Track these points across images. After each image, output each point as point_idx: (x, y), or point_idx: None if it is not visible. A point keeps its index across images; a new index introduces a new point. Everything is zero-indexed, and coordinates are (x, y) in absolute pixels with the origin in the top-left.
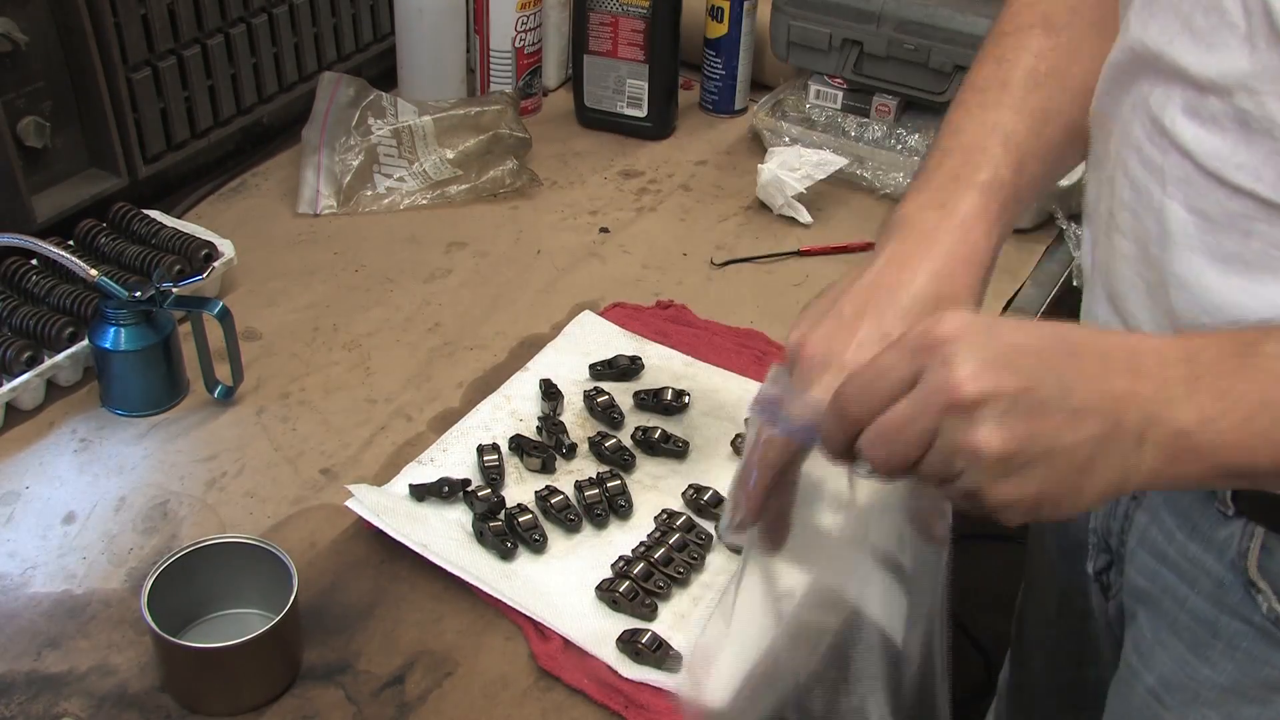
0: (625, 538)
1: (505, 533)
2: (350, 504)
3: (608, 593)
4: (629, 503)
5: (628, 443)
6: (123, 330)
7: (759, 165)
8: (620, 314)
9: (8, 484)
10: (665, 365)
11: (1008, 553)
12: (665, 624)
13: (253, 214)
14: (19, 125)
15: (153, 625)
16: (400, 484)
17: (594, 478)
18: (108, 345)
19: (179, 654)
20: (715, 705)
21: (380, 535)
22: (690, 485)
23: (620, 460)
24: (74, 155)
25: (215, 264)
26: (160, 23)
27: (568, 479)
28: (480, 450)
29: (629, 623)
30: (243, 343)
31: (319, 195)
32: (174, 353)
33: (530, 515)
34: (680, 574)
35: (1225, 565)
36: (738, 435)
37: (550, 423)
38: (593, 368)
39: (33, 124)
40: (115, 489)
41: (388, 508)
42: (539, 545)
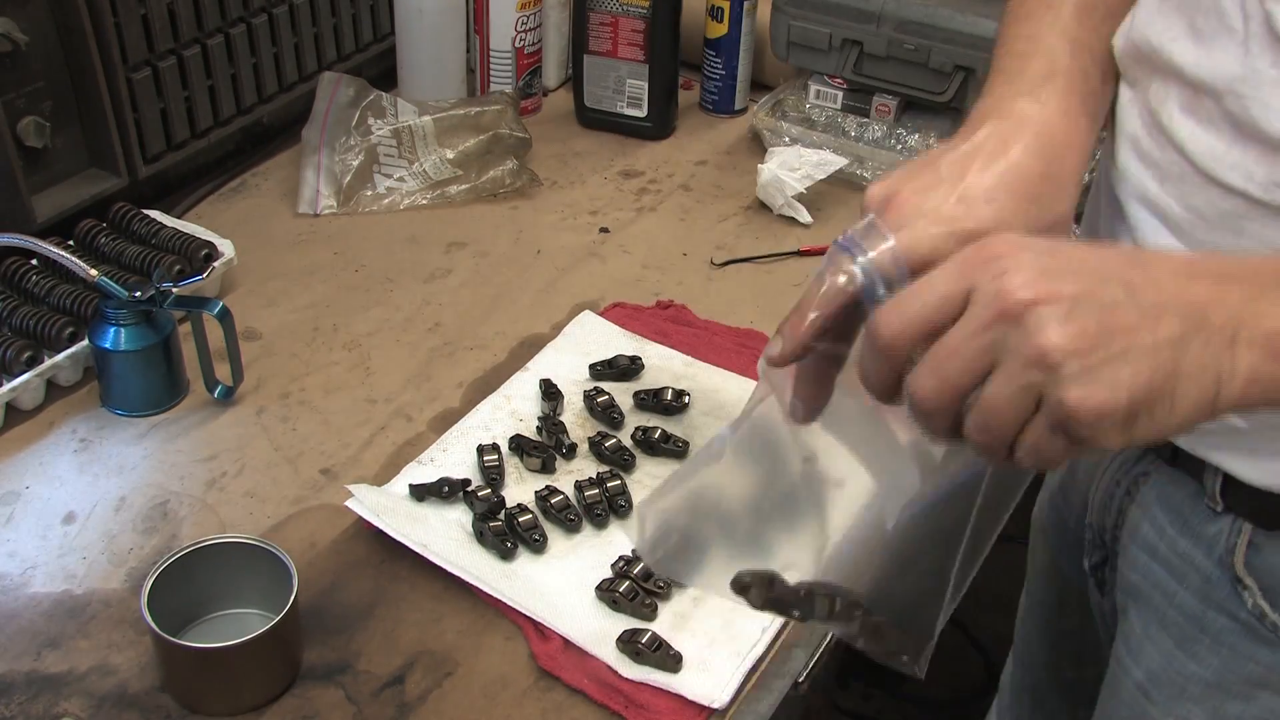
0: (625, 538)
1: (505, 533)
2: (350, 504)
3: (608, 593)
4: (629, 503)
5: (628, 443)
6: (123, 330)
7: (759, 165)
8: (620, 314)
9: (8, 484)
10: (665, 365)
11: (1008, 553)
12: (665, 624)
13: (253, 214)
14: (19, 125)
15: (153, 625)
16: (400, 484)
17: (594, 478)
18: (108, 345)
19: (179, 654)
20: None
21: (380, 535)
22: None
23: (620, 460)
24: (74, 155)
25: (215, 264)
26: (160, 23)
27: (568, 479)
28: (480, 450)
29: (629, 623)
30: (243, 343)
31: (319, 195)
32: (174, 353)
33: (530, 515)
34: None
35: (1213, 561)
36: None
37: (550, 423)
38: (593, 368)
39: (33, 124)
40: (115, 489)
41: (388, 508)
42: (539, 545)
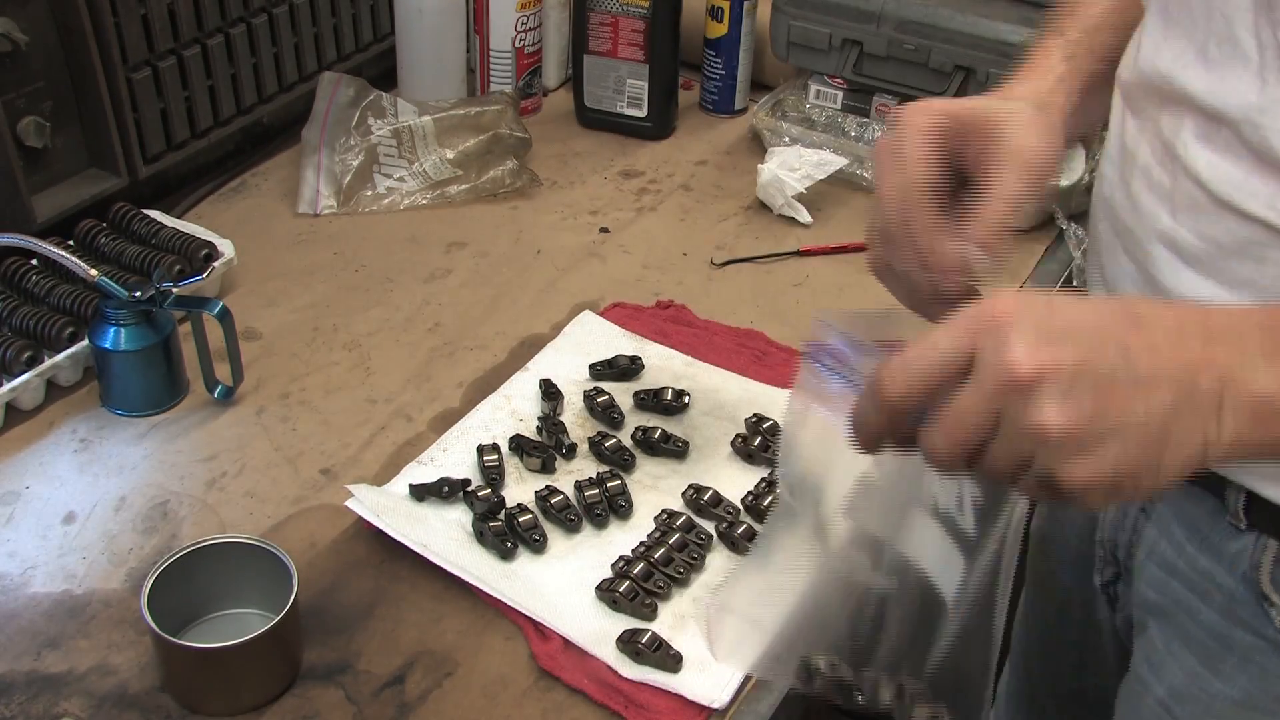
0: (625, 538)
1: (505, 533)
2: (350, 504)
3: (608, 593)
4: (629, 503)
5: (628, 443)
6: (123, 330)
7: (759, 165)
8: (620, 314)
9: (8, 484)
10: (665, 365)
11: None
12: (665, 624)
13: (253, 214)
14: (19, 125)
15: (153, 625)
16: (400, 484)
17: (594, 478)
18: (108, 345)
19: (179, 654)
20: (748, 655)
21: (380, 535)
22: (690, 485)
23: (620, 460)
24: (74, 155)
25: (215, 264)
26: (160, 23)
27: (568, 479)
28: (480, 450)
29: (629, 623)
30: (243, 343)
31: (319, 195)
32: (174, 353)
33: (530, 515)
34: (680, 574)
35: (1237, 579)
36: (738, 435)
37: (550, 423)
38: (593, 368)
39: (33, 124)
40: (115, 489)
41: (388, 508)
42: (539, 545)
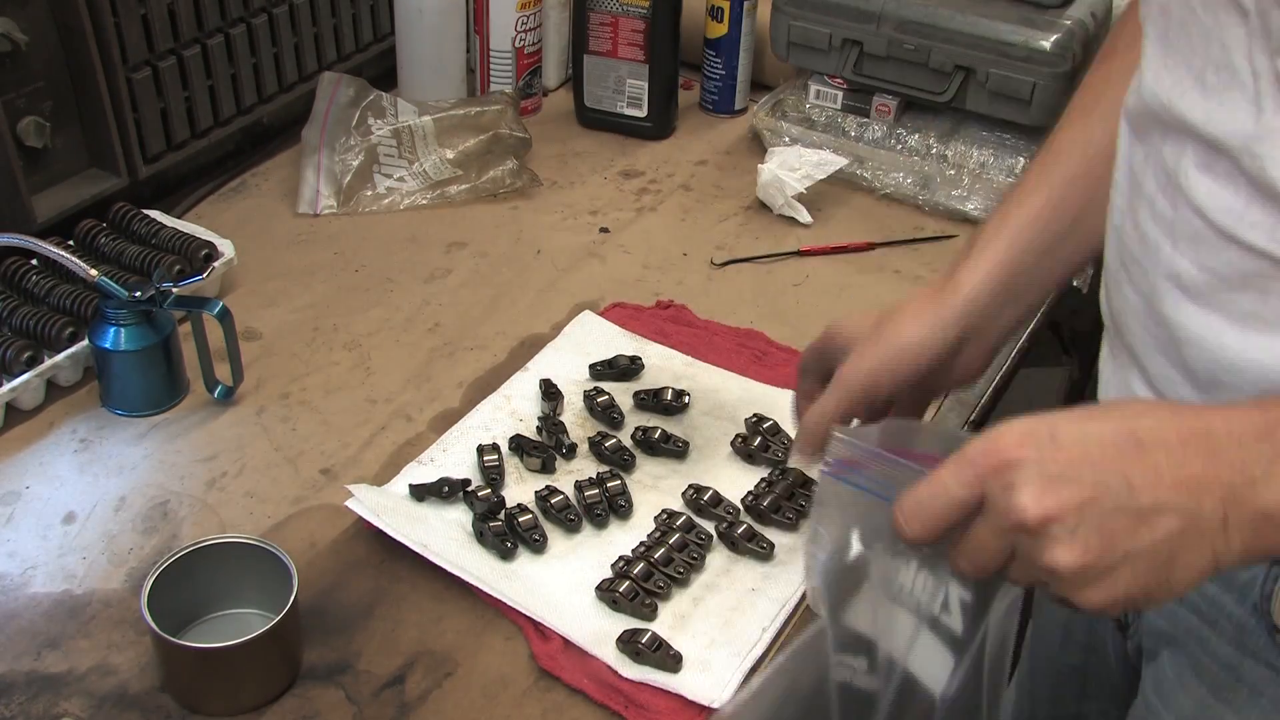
0: (625, 538)
1: (505, 533)
2: (350, 504)
3: (608, 593)
4: (629, 503)
5: (628, 443)
6: (123, 330)
7: (759, 165)
8: (620, 314)
9: (8, 484)
10: (665, 365)
11: None
12: (665, 624)
13: (253, 214)
14: (19, 125)
15: (153, 625)
16: (400, 484)
17: (594, 478)
18: (108, 345)
19: (179, 654)
20: None
21: (380, 535)
22: (690, 485)
23: (620, 460)
24: (74, 155)
25: (215, 264)
26: (160, 23)
27: (568, 479)
28: (480, 450)
29: (629, 623)
30: (243, 343)
31: (319, 195)
32: (174, 353)
33: (530, 515)
34: (680, 574)
35: (1247, 609)
36: (738, 435)
37: (550, 423)
38: (593, 368)
39: (33, 124)
40: (115, 489)
41: (388, 508)
42: (539, 545)
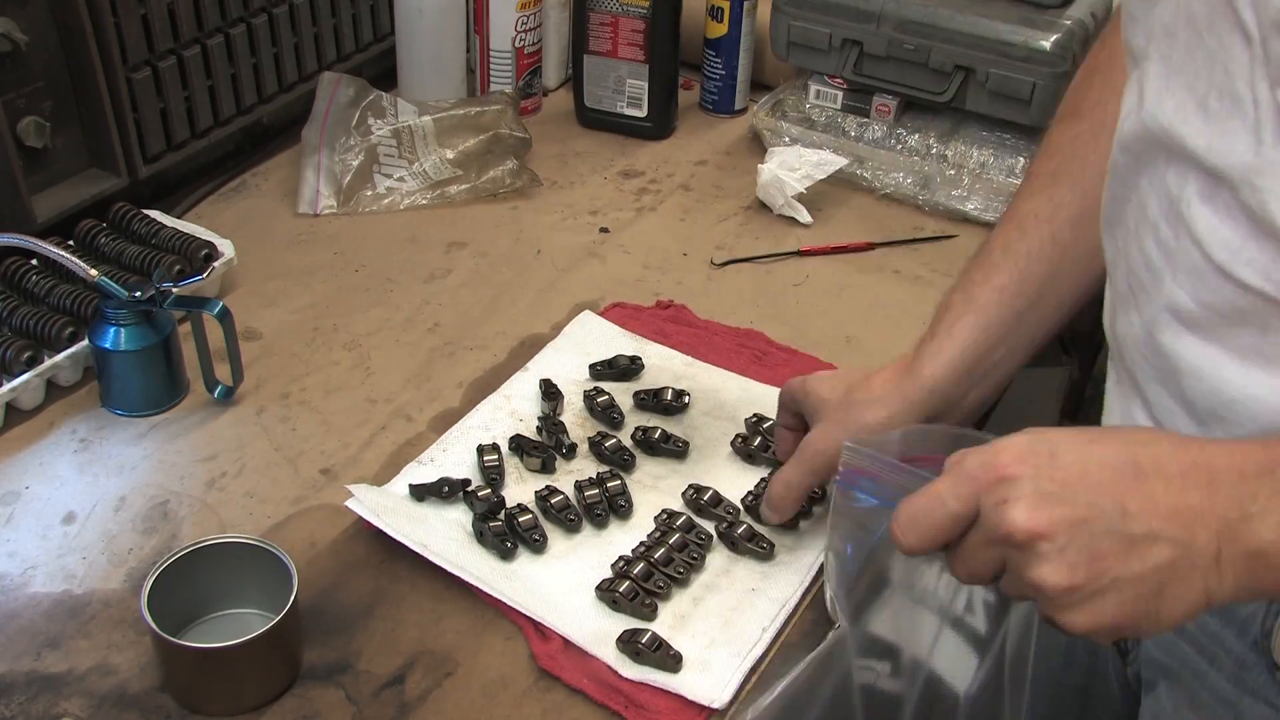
0: (625, 538)
1: (505, 533)
2: (350, 504)
3: (608, 593)
4: (629, 503)
5: (628, 443)
6: (123, 330)
7: (759, 165)
8: (620, 314)
9: (8, 484)
10: (665, 365)
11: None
12: (665, 624)
13: (253, 214)
14: (19, 125)
15: (153, 625)
16: (400, 484)
17: (594, 478)
18: (108, 345)
19: (179, 654)
20: None
21: (380, 535)
22: (690, 485)
23: (620, 460)
24: (74, 155)
25: (215, 264)
26: (160, 23)
27: (568, 479)
28: (480, 450)
29: (629, 623)
30: (243, 343)
31: (319, 195)
32: (174, 353)
33: (530, 515)
34: (680, 574)
35: (1247, 645)
36: (738, 435)
37: (550, 423)
38: (593, 368)
39: (33, 124)
40: (115, 489)
41: (388, 508)
42: (539, 545)
